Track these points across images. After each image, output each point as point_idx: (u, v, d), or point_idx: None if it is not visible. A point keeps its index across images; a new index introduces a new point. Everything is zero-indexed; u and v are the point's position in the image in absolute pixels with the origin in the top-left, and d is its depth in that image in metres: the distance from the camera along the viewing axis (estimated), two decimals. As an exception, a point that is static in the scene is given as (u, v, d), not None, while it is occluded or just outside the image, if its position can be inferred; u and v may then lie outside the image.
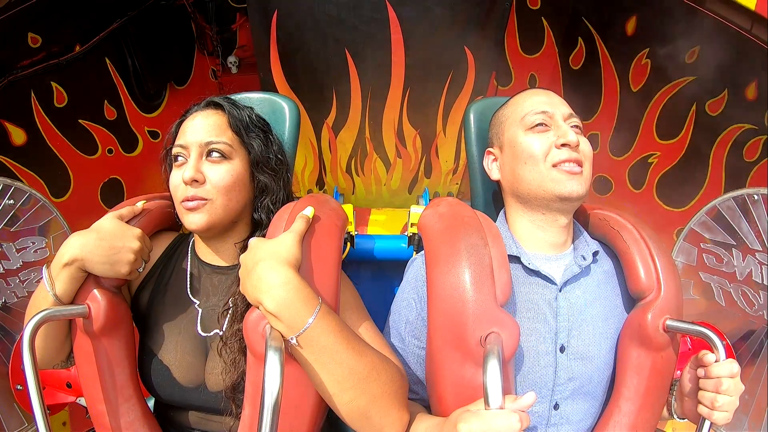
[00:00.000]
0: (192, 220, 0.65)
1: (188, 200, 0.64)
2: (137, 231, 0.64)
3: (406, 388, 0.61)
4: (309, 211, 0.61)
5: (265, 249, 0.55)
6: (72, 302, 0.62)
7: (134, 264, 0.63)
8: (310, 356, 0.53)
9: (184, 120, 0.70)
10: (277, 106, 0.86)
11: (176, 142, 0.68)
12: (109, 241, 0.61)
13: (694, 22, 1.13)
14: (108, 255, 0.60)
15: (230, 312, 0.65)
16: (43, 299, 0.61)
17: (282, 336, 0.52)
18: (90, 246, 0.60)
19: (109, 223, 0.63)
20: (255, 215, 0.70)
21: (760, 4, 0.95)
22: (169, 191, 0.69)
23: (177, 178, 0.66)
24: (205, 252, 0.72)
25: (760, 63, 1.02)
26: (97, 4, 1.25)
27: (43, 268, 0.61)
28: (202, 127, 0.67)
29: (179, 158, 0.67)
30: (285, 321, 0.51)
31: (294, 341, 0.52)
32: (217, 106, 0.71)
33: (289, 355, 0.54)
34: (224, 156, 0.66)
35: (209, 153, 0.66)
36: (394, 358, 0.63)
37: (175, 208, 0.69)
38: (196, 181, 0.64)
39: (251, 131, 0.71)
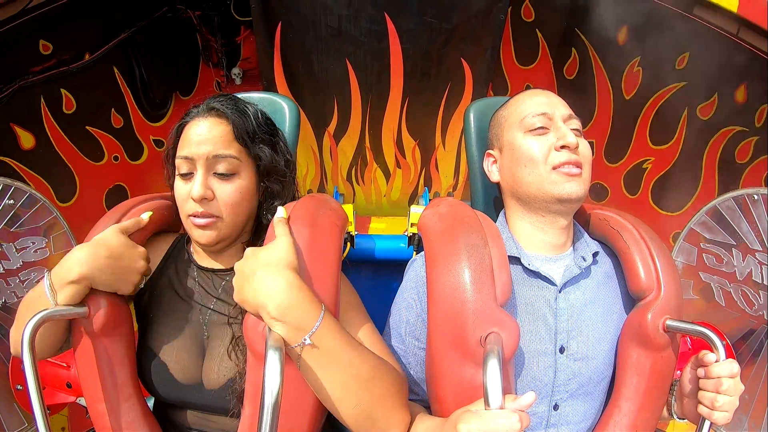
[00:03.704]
0: (201, 236, 0.66)
1: (197, 217, 0.65)
2: (142, 250, 0.65)
3: (407, 389, 0.61)
4: (282, 213, 0.62)
5: (263, 256, 0.55)
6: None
7: (138, 284, 0.64)
8: (316, 360, 0.52)
9: (185, 123, 0.68)
10: (277, 106, 0.87)
11: (180, 153, 0.66)
12: (116, 260, 0.61)
13: (682, 29, 1.16)
14: (115, 275, 0.61)
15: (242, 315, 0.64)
16: (43, 305, 0.59)
17: (286, 342, 0.51)
18: (99, 264, 0.59)
19: (116, 239, 0.62)
20: (263, 218, 0.70)
21: (742, 8, 0.98)
22: (173, 194, 0.69)
23: (184, 191, 0.65)
24: (202, 256, 0.72)
25: (748, 66, 1.04)
26: (106, 15, 1.28)
27: (45, 275, 0.60)
28: (208, 139, 0.65)
29: (183, 168, 0.66)
30: (290, 325, 0.51)
31: (301, 346, 0.51)
32: (220, 114, 0.67)
33: (290, 360, 0.54)
34: (232, 173, 0.66)
35: (217, 167, 0.65)
36: (392, 360, 0.63)
37: (178, 213, 0.68)
38: (206, 198, 0.64)
39: (258, 138, 0.69)
